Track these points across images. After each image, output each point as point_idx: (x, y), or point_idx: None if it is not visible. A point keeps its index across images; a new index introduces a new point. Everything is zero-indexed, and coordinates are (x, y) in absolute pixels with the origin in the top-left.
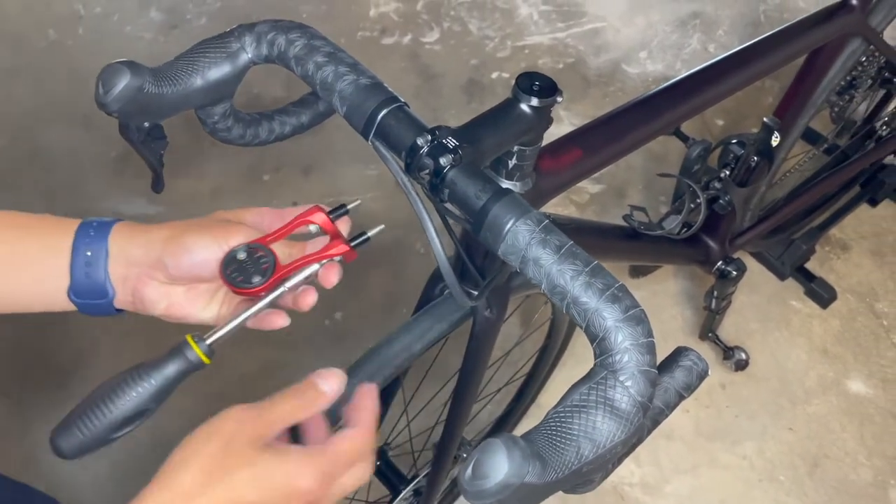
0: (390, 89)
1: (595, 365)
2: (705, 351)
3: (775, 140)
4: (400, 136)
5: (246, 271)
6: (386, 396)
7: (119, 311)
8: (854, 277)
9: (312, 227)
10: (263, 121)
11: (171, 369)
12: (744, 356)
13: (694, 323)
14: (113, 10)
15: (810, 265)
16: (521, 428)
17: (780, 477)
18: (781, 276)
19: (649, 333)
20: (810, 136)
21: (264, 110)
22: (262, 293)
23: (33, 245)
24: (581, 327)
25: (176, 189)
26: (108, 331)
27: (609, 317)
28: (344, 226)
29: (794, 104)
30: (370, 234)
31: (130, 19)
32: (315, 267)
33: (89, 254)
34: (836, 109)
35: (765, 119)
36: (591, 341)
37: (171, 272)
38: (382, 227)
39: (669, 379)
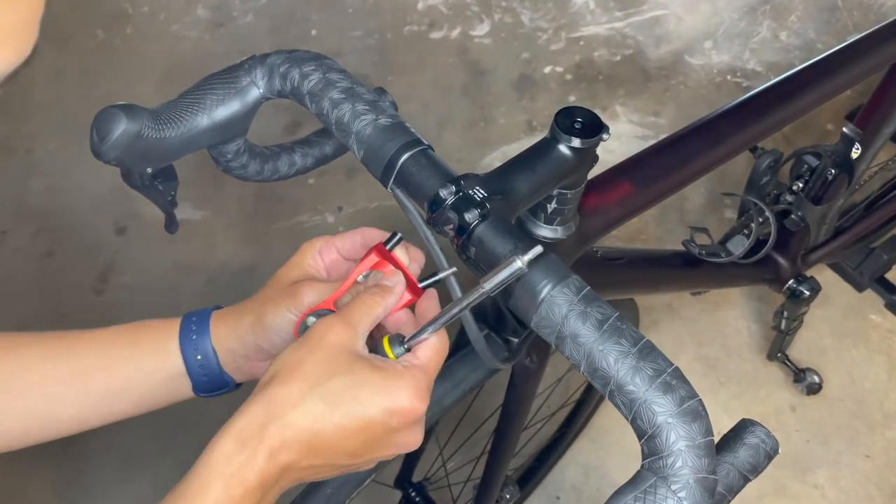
0: (413, 130)
1: (642, 467)
2: (774, 371)
3: (855, 152)
4: (422, 184)
5: None
6: None
7: (239, 384)
8: None
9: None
10: (283, 154)
11: None
12: (816, 379)
13: (761, 337)
14: (160, 8)
15: (891, 275)
16: (573, 450)
17: None
18: (859, 288)
19: (708, 431)
20: None
21: (284, 143)
22: None
23: (149, 359)
24: (627, 419)
25: (221, 192)
26: None
27: (660, 410)
28: (402, 254)
29: (878, 113)
30: (440, 276)
31: (177, 17)
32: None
33: (199, 357)
34: None
35: (844, 129)
36: (639, 438)
37: (272, 352)
38: (454, 269)
39: (732, 458)
